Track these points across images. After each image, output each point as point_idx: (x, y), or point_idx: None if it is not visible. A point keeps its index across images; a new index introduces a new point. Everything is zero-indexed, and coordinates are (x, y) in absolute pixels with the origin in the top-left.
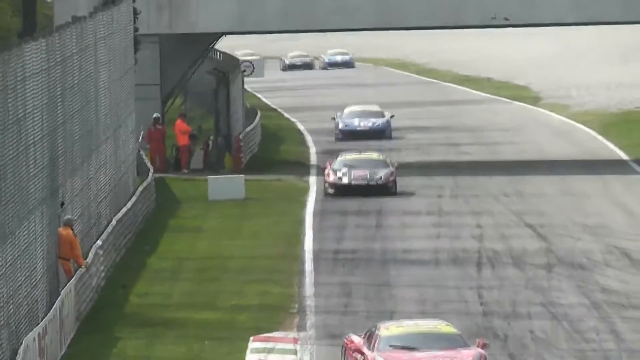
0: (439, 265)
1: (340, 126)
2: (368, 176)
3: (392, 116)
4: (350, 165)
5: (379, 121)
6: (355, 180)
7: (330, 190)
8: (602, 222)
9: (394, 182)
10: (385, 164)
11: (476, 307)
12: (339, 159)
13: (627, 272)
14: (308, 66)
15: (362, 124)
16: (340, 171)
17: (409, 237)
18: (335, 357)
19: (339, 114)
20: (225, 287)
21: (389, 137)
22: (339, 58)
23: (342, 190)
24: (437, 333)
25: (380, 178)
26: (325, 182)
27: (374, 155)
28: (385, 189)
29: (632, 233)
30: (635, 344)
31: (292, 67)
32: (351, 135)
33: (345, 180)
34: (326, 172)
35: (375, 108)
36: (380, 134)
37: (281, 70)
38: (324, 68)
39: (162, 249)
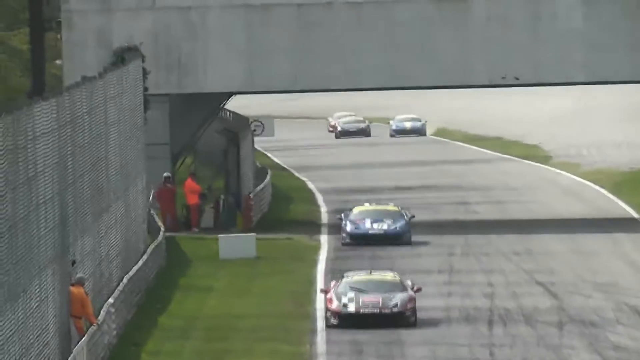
0: (450, 324)
1: (348, 229)
2: (381, 303)
3: (412, 217)
4: (359, 289)
5: (396, 224)
6: (365, 308)
7: (334, 321)
8: (612, 280)
9: (414, 309)
10: (402, 287)
11: None
12: (344, 280)
13: (639, 329)
14: (363, 132)
15: (374, 226)
16: (345, 296)
17: (421, 295)
18: None
19: (346, 213)
20: (235, 346)
21: (408, 243)
22: (407, 125)
23: (348, 321)
24: None
25: (396, 305)
26: (326, 309)
27: (389, 276)
28: (402, 319)
29: None
30: None
31: (345, 133)
32: (361, 240)
33: (351, 308)
34: (328, 296)
35: (392, 207)
36: (396, 239)
37: (335, 138)
38: (392, 135)
39: (173, 308)
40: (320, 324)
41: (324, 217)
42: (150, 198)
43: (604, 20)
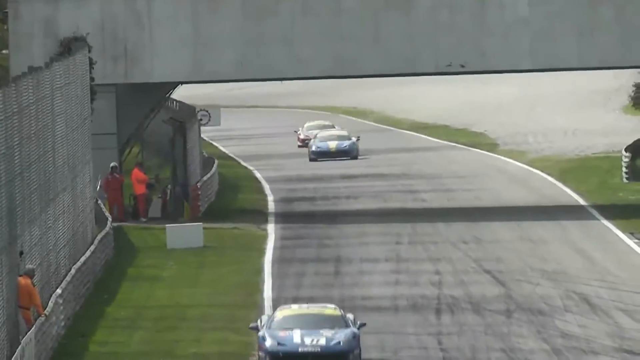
0: (397, 312)
1: (269, 345)
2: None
3: (361, 325)
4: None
5: (338, 337)
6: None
7: None
8: (560, 267)
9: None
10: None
11: (436, 353)
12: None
13: (587, 317)
14: (347, 153)
15: (307, 341)
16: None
17: (368, 284)
18: None
19: (263, 318)
20: (184, 336)
21: None
22: (332, 145)
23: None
24: None
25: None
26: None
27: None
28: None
29: (590, 278)
30: None
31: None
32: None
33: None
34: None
35: (331, 310)
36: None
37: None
38: (312, 159)
39: (121, 298)
40: (269, 313)
41: (271, 206)
42: (98, 188)
43: (550, 7)
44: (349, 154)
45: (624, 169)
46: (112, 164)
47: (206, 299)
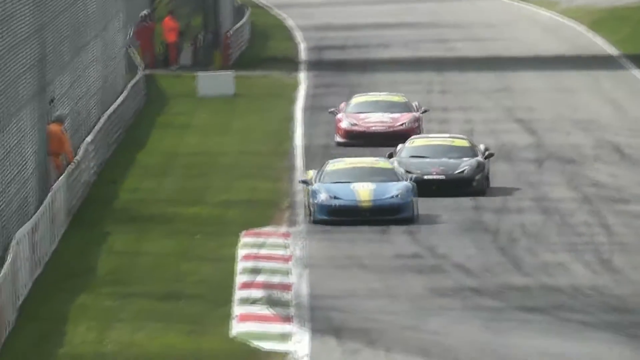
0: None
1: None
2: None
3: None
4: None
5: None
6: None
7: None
8: (591, 117)
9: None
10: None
11: (466, 201)
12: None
13: (618, 166)
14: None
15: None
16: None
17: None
18: (324, 251)
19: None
20: (214, 183)
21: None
22: (362, 192)
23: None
24: None
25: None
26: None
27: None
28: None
29: (621, 127)
30: (625, 238)
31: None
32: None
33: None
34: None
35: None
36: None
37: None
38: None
39: (151, 146)
40: (299, 161)
41: (302, 54)
42: (129, 36)
43: None
44: (398, 212)
45: None
46: (143, 12)
47: (236, 146)
